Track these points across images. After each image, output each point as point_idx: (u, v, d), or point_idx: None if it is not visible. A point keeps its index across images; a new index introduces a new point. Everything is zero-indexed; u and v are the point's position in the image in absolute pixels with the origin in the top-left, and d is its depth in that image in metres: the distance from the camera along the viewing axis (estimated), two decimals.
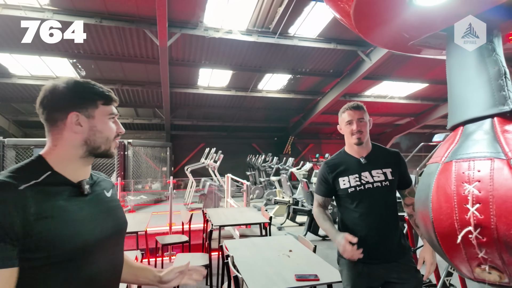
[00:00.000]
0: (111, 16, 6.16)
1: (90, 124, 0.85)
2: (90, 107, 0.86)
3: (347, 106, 1.69)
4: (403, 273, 1.60)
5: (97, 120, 0.87)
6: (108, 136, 0.89)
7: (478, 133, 0.66)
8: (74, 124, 0.83)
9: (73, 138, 0.85)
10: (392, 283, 1.61)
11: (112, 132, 0.90)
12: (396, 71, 9.35)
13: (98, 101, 0.87)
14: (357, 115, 1.63)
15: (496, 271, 0.57)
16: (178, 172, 13.61)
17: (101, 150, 0.88)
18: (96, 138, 0.87)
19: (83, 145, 0.85)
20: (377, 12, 0.65)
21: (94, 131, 0.86)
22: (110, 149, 0.91)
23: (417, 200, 0.68)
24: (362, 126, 1.64)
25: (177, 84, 9.80)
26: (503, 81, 0.65)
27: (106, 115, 0.89)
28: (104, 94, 0.89)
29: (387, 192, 1.65)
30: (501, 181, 0.57)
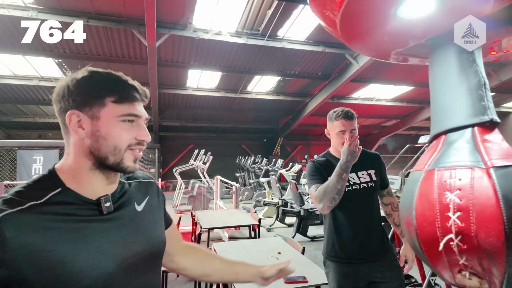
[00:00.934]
0: (98, 16, 6.06)
1: (93, 128, 0.67)
2: (95, 105, 0.67)
3: (340, 114, 1.64)
4: (387, 272, 1.64)
5: (102, 122, 0.67)
6: (116, 145, 0.68)
7: (459, 142, 0.68)
8: (75, 127, 0.67)
9: (80, 145, 0.68)
10: (376, 282, 1.64)
11: (122, 139, 0.69)
12: (383, 74, 9.52)
13: (106, 97, 0.68)
14: (350, 126, 1.63)
15: (476, 277, 0.59)
16: (167, 174, 13.47)
17: (110, 162, 0.68)
18: (99, 145, 0.67)
19: (89, 153, 0.68)
20: (362, 22, 0.67)
21: (97, 136, 0.67)
22: (123, 162, 0.69)
23: (402, 207, 0.70)
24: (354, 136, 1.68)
25: (166, 85, 9.71)
26: (483, 91, 0.67)
27: (115, 116, 0.68)
28: (116, 88, 0.69)
29: (372, 192, 1.70)
30: (481, 189, 0.59)
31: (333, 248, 1.67)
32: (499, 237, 0.52)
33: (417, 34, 0.73)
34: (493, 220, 0.53)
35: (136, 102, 0.71)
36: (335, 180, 1.48)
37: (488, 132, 0.65)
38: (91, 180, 0.69)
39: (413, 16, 0.66)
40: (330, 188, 1.49)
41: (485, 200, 0.55)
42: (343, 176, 1.47)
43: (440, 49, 0.71)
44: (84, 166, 0.68)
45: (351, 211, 1.65)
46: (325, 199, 1.49)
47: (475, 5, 0.65)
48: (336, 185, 1.47)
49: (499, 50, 0.84)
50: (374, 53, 0.82)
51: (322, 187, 1.53)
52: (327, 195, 1.49)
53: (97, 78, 0.69)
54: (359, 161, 1.65)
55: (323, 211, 1.55)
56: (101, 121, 0.67)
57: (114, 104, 0.68)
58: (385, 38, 0.74)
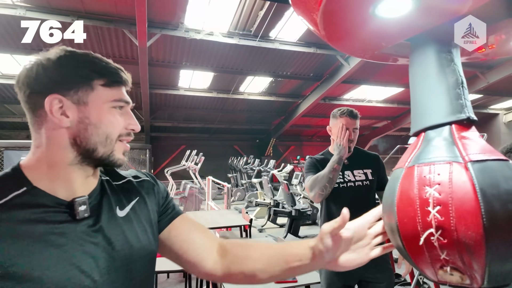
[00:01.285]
0: (88, 15, 5.99)
1: (80, 114, 0.58)
2: (82, 89, 0.58)
3: (345, 112, 1.72)
4: (377, 272, 1.67)
5: (91, 108, 0.58)
6: (109, 134, 0.60)
7: (438, 139, 0.70)
8: (55, 114, 0.56)
9: (59, 135, 0.57)
10: (366, 281, 1.69)
11: (116, 127, 0.61)
12: (374, 76, 9.63)
13: (94, 80, 0.59)
14: (353, 125, 1.70)
15: (458, 272, 0.60)
16: (158, 174, 13.35)
17: (99, 154, 0.59)
18: (88, 135, 0.58)
19: (72, 145, 0.58)
20: (342, 21, 0.68)
21: (86, 124, 0.58)
22: (114, 154, 0.61)
23: (384, 204, 0.71)
24: (355, 135, 1.73)
25: (157, 85, 9.64)
26: (461, 90, 0.69)
27: (107, 102, 0.60)
28: (106, 70, 0.61)
29: (367, 191, 1.74)
30: (459, 183, 0.60)
31: None
32: (478, 230, 0.53)
33: (396, 33, 0.75)
34: (471, 214, 0.54)
35: (125, 86, 0.64)
36: (328, 170, 1.59)
37: (465, 130, 0.67)
38: (69, 177, 0.59)
39: (391, 16, 0.67)
40: (322, 177, 1.59)
41: (464, 194, 0.56)
42: (335, 167, 1.59)
43: (419, 49, 0.73)
44: (62, 160, 0.58)
45: (345, 207, 1.69)
46: (317, 187, 1.59)
47: (452, 4, 0.66)
48: (328, 174, 1.58)
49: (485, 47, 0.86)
50: (357, 52, 0.83)
51: (314, 176, 1.63)
52: (319, 183, 1.59)
53: (82, 58, 0.60)
54: (356, 160, 1.74)
55: (315, 199, 1.63)
56: (90, 107, 0.58)
57: (103, 88, 0.60)
58: (366, 37, 0.76)
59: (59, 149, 0.58)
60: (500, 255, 0.54)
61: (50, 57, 0.58)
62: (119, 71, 0.63)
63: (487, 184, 0.55)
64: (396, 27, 0.70)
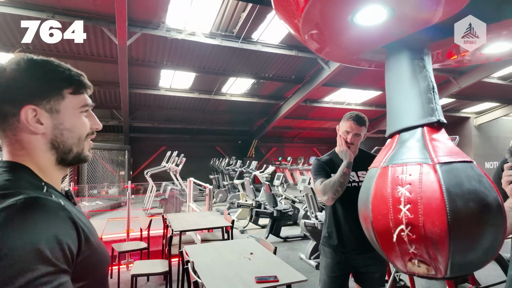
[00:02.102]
0: (64, 12, 5.79)
1: (54, 122, 0.63)
2: (54, 98, 0.63)
3: (353, 116, 1.81)
4: (373, 265, 1.79)
5: (63, 115, 0.64)
6: (81, 135, 0.68)
7: (411, 141, 0.74)
8: (30, 122, 0.61)
9: (35, 140, 0.63)
10: (361, 272, 1.82)
11: (85, 129, 0.69)
12: (353, 79, 9.87)
13: (64, 90, 0.65)
14: (355, 130, 1.79)
15: (424, 264, 0.64)
16: (138, 176, 13.07)
17: (73, 154, 0.67)
18: (64, 138, 0.65)
19: (50, 149, 0.64)
20: (323, 28, 0.71)
21: (61, 129, 0.64)
22: (84, 152, 0.69)
23: (360, 202, 0.74)
24: (356, 140, 1.82)
25: (137, 85, 9.45)
26: (432, 94, 0.74)
27: (76, 108, 0.67)
28: (73, 79, 0.67)
29: None
30: (428, 184, 0.64)
31: (331, 237, 1.85)
32: (443, 227, 0.58)
33: (373, 40, 0.79)
34: (437, 212, 0.58)
35: (87, 91, 0.71)
36: (339, 175, 1.67)
37: (435, 132, 0.72)
38: (56, 175, 0.67)
39: (368, 24, 0.71)
40: (334, 182, 1.67)
41: (431, 193, 0.60)
42: (345, 171, 1.68)
43: (394, 55, 0.77)
44: (49, 162, 0.65)
45: (349, 206, 1.79)
46: (330, 191, 1.67)
47: (423, 15, 0.71)
48: (339, 179, 1.67)
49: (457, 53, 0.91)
50: (337, 57, 0.87)
51: (327, 181, 1.71)
52: (332, 188, 1.67)
53: (48, 68, 0.64)
54: (360, 161, 1.81)
55: (328, 202, 1.72)
56: (63, 114, 0.64)
57: (72, 95, 0.66)
58: (345, 43, 0.79)
59: (40, 152, 0.64)
60: (462, 248, 0.59)
61: (15, 67, 0.61)
62: (82, 78, 0.69)
63: (452, 184, 0.60)
64: (373, 34, 0.74)
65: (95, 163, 9.12)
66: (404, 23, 0.71)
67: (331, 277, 1.82)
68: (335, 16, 0.68)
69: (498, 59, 1.13)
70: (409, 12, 0.69)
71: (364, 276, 1.82)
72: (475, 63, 1.03)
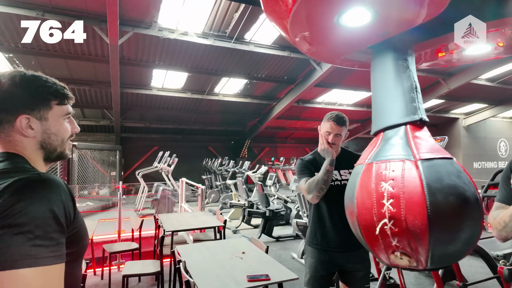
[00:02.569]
0: (55, 10, 5.72)
1: (43, 127, 0.78)
2: (43, 109, 0.77)
3: (333, 117, 1.83)
4: (357, 263, 1.82)
5: (51, 122, 0.79)
6: (64, 138, 0.83)
7: (394, 138, 0.77)
8: (23, 128, 0.75)
9: (27, 141, 0.77)
10: (346, 271, 1.83)
11: (68, 132, 0.84)
12: (345, 80, 9.96)
13: (52, 101, 0.78)
14: (336, 130, 1.81)
15: (406, 256, 0.66)
16: (129, 176, 12.95)
17: (57, 153, 0.82)
18: (51, 141, 0.80)
19: (39, 148, 0.79)
20: (310, 29, 0.73)
21: (49, 134, 0.79)
22: (65, 151, 0.84)
23: (346, 197, 0.77)
24: (337, 140, 1.84)
25: (129, 85, 9.37)
26: (415, 94, 0.77)
27: (61, 116, 0.81)
28: (59, 92, 0.80)
29: None
30: (410, 179, 0.67)
31: (315, 236, 1.86)
32: (423, 220, 0.60)
33: (359, 41, 0.81)
34: (418, 206, 0.61)
35: (70, 101, 0.84)
36: (322, 173, 1.70)
37: (418, 130, 0.75)
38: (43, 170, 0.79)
39: (354, 25, 0.73)
40: (318, 180, 1.70)
41: (413, 188, 0.63)
42: (328, 168, 1.70)
43: (379, 56, 0.80)
44: (39, 158, 0.78)
45: (332, 205, 1.82)
46: (315, 190, 1.69)
47: (405, 17, 0.73)
48: (323, 176, 1.69)
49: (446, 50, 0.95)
50: (325, 57, 0.89)
51: (311, 180, 1.74)
52: (316, 186, 1.69)
53: (39, 83, 0.77)
54: (342, 160, 1.85)
55: (313, 201, 1.74)
56: (50, 121, 0.78)
57: (58, 106, 0.80)
58: (332, 44, 0.81)
59: (32, 151, 0.77)
60: (441, 240, 0.61)
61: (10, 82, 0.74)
62: (66, 91, 0.82)
63: (432, 180, 0.63)
64: (358, 35, 0.77)
65: (86, 163, 9.01)
66: (388, 25, 0.74)
67: (316, 277, 1.83)
68: (322, 17, 0.70)
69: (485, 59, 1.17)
70: (392, 14, 0.72)
71: (349, 275, 1.83)
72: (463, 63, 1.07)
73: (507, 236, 0.98)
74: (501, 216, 0.98)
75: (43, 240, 0.59)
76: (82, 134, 12.78)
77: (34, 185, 0.64)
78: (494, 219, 1.01)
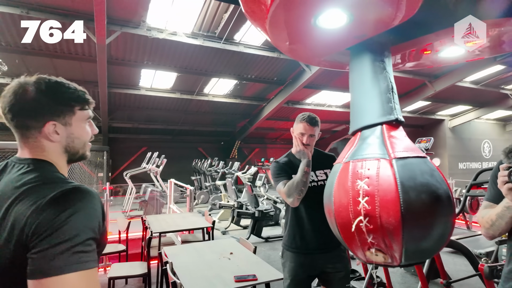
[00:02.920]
0: (40, 8, 5.61)
1: (68, 132, 0.82)
2: (68, 115, 0.81)
3: (306, 118, 1.82)
4: (337, 263, 1.81)
5: (74, 127, 0.83)
6: (85, 141, 0.87)
7: (371, 138, 0.79)
8: (50, 133, 0.79)
9: (53, 146, 0.81)
10: (327, 272, 1.81)
11: (89, 135, 0.88)
12: (333, 82, 10.07)
13: (75, 107, 0.83)
14: (309, 131, 1.80)
15: (381, 253, 0.68)
16: (117, 177, 12.76)
17: (78, 155, 0.87)
18: (75, 144, 0.84)
19: (64, 152, 0.83)
20: (288, 30, 0.74)
21: (72, 138, 0.83)
22: (86, 153, 0.89)
23: (324, 196, 0.78)
24: (311, 140, 1.83)
25: (117, 84, 9.25)
26: (391, 94, 0.79)
27: (83, 121, 0.85)
28: (81, 98, 0.84)
29: None
30: (384, 177, 0.69)
31: (294, 239, 1.83)
32: (397, 217, 0.62)
33: (337, 43, 0.83)
34: (392, 203, 0.62)
35: (91, 106, 0.88)
36: (300, 175, 1.68)
37: (394, 129, 0.77)
38: (66, 171, 0.84)
39: (331, 27, 0.75)
40: (297, 182, 1.68)
41: (387, 186, 0.65)
42: (305, 170, 1.69)
43: (357, 57, 0.82)
44: (63, 161, 0.83)
45: (310, 206, 1.81)
46: (295, 192, 1.67)
47: (381, 18, 0.75)
48: (301, 178, 1.67)
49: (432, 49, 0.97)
50: (305, 58, 0.91)
51: (290, 183, 1.71)
52: (295, 188, 1.67)
53: (63, 90, 0.81)
54: (316, 161, 1.83)
55: (293, 204, 1.71)
56: (73, 126, 0.82)
57: (80, 111, 0.84)
58: (311, 45, 0.83)
59: (57, 155, 0.82)
60: (414, 237, 0.63)
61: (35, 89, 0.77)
62: (86, 95, 0.86)
63: (406, 178, 0.65)
64: (336, 37, 0.78)
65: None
66: (364, 27, 0.76)
67: (296, 281, 1.81)
68: (299, 19, 0.71)
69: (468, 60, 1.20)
70: (368, 16, 0.73)
71: (330, 276, 1.82)
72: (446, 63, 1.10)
73: (494, 234, 1.02)
74: (489, 215, 1.02)
75: (83, 247, 0.66)
76: None
77: (73, 197, 0.70)
78: (482, 218, 1.05)
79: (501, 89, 11.55)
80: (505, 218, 0.94)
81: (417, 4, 0.66)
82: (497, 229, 0.99)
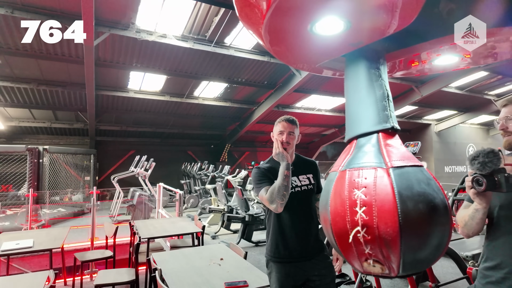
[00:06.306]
0: (25, 8, 5.47)
1: None
2: None
3: (283, 118, 1.83)
4: (322, 269, 1.78)
5: None
6: None
7: (367, 146, 0.78)
8: None
9: None
10: (312, 280, 1.77)
11: None
12: (323, 86, 10.16)
13: None
14: (288, 128, 1.79)
15: (379, 264, 0.67)
16: (104, 181, 12.50)
17: None
18: None
19: None
20: (284, 36, 0.73)
21: None
22: None
23: (320, 204, 0.77)
24: (291, 138, 1.80)
25: (104, 86, 9.09)
26: (386, 102, 0.78)
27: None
28: None
29: (311, 194, 1.86)
30: (382, 187, 0.68)
31: (277, 248, 1.78)
32: (395, 228, 0.61)
33: (333, 50, 0.82)
34: (390, 213, 0.61)
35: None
36: (281, 179, 1.62)
37: (390, 138, 0.76)
38: None
39: (327, 34, 0.74)
40: (278, 187, 1.62)
41: (385, 196, 0.64)
42: (286, 173, 1.63)
43: (352, 64, 0.81)
44: None
45: (294, 212, 1.78)
46: (277, 198, 1.61)
47: (378, 26, 0.75)
48: (283, 182, 1.62)
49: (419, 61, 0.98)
50: (300, 64, 0.90)
51: (271, 188, 1.66)
52: (277, 194, 1.62)
53: None
54: (299, 166, 1.83)
55: (277, 210, 1.65)
56: None
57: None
58: (306, 51, 0.82)
59: None
60: (412, 247, 0.63)
61: None
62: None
63: (403, 187, 0.64)
64: (332, 44, 0.78)
65: (58, 168, 8.62)
66: (360, 34, 0.75)
67: None
68: (295, 25, 0.70)
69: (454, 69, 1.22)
70: (365, 24, 0.73)
71: (316, 283, 1.77)
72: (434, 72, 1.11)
73: (468, 233, 1.10)
74: (463, 216, 1.11)
75: None
76: (54, 137, 12.24)
77: None
78: (459, 217, 1.14)
79: (484, 95, 11.89)
80: (475, 219, 1.03)
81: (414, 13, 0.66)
82: (470, 228, 1.08)
